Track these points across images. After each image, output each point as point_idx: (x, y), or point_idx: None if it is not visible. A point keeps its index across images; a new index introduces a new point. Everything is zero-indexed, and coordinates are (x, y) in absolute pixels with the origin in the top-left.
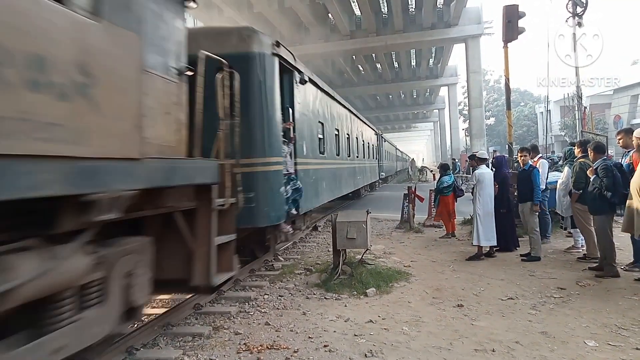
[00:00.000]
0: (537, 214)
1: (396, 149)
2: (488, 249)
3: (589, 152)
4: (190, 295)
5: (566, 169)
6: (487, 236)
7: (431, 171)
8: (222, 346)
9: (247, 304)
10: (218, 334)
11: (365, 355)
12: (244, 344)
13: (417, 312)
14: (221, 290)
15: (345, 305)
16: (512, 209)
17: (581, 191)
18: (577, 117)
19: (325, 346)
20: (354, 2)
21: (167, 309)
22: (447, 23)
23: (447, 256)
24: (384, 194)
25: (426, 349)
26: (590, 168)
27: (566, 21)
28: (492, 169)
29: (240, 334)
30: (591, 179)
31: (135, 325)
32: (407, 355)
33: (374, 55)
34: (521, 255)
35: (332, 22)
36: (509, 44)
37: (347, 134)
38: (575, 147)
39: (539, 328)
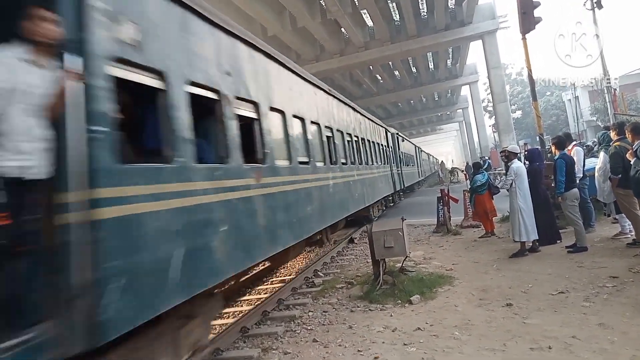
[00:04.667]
0: (577, 202)
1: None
2: (531, 244)
3: (627, 134)
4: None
5: (602, 154)
6: (529, 230)
7: (462, 171)
8: None
9: (292, 322)
10: (267, 356)
11: None
12: None
13: (465, 316)
14: (265, 311)
15: (391, 315)
16: (549, 200)
17: (620, 175)
18: (607, 100)
19: (375, 358)
20: (365, 13)
21: (214, 334)
22: (461, 22)
23: (489, 255)
24: (415, 199)
25: (479, 352)
26: (630, 151)
27: (584, 4)
28: (525, 162)
29: (289, 353)
30: (632, 162)
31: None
32: None
33: (390, 63)
34: (567, 247)
35: (345, 36)
36: (527, 35)
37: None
38: (611, 130)
39: (595, 320)
